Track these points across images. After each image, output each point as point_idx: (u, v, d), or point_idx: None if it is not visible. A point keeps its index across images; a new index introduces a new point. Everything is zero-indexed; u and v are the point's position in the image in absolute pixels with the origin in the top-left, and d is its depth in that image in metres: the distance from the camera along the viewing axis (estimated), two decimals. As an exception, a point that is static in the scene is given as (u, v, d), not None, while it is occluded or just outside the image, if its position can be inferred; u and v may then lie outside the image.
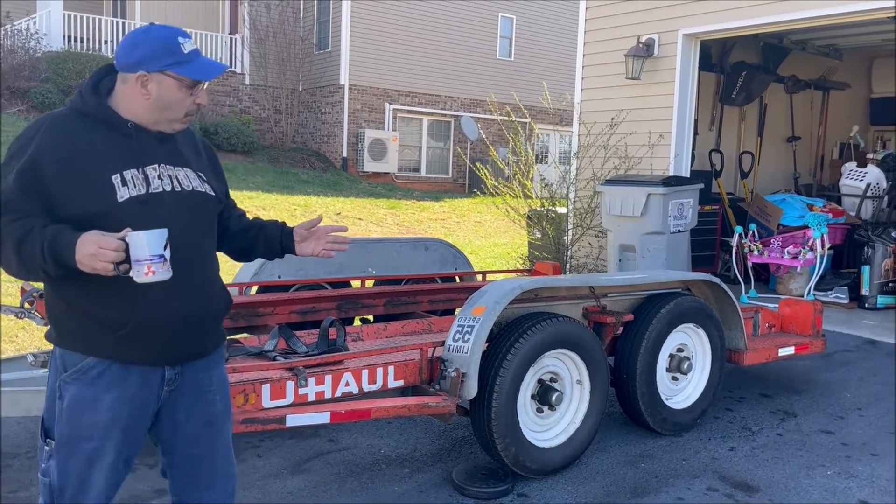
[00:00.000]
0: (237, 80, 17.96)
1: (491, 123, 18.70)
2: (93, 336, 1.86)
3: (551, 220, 8.41)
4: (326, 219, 12.04)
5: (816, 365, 5.40)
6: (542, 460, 3.34)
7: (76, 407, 1.87)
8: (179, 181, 1.95)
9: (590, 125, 8.43)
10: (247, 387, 2.79)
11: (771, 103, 10.48)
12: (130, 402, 1.90)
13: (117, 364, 1.87)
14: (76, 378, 1.87)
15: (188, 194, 1.96)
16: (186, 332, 1.95)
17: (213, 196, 2.04)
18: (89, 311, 1.86)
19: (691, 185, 6.90)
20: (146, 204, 1.86)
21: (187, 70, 1.89)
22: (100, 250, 1.70)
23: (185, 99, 1.92)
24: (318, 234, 2.25)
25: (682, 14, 7.83)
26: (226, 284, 2.14)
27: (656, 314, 3.81)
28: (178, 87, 1.90)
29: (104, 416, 1.87)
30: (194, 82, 1.91)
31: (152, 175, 1.90)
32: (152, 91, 1.88)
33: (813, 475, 3.54)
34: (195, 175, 2.01)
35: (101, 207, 1.81)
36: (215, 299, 2.03)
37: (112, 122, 1.89)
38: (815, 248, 7.36)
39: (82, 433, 1.87)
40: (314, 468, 3.45)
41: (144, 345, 1.87)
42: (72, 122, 1.88)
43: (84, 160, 1.83)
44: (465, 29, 18.74)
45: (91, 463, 1.88)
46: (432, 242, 5.41)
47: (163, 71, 1.88)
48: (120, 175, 1.85)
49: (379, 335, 4.07)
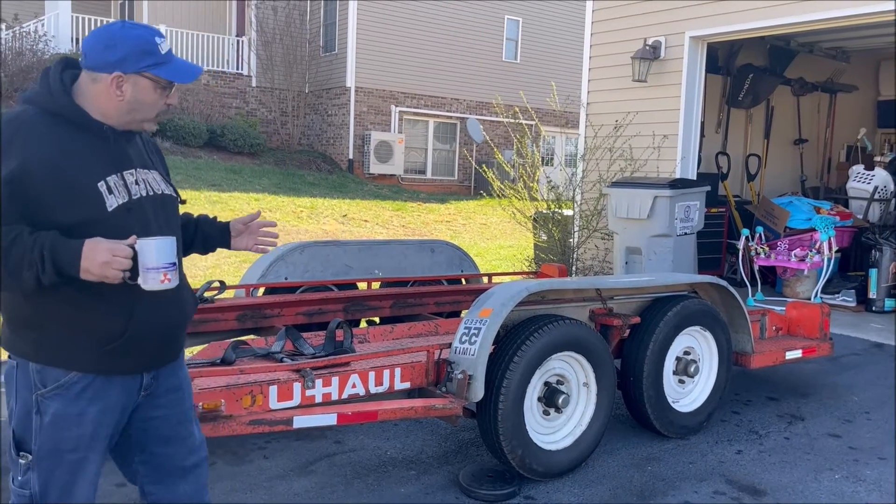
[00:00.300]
0: (244, 83, 18.01)
1: (497, 125, 18.71)
2: (79, 350, 1.82)
3: (557, 222, 8.41)
4: (333, 220, 12.08)
5: (824, 368, 5.38)
6: (548, 463, 3.33)
7: (60, 423, 1.83)
8: (151, 185, 1.95)
9: (597, 127, 8.43)
10: (254, 388, 2.80)
11: (778, 106, 10.46)
12: (113, 411, 1.90)
13: (100, 378, 1.85)
14: (58, 394, 1.83)
15: (160, 198, 1.97)
16: (169, 339, 1.98)
17: (175, 197, 2.05)
18: (79, 324, 1.81)
19: (698, 187, 6.89)
20: (132, 211, 1.85)
21: (165, 72, 1.87)
22: (114, 258, 1.70)
23: (158, 100, 1.90)
24: (252, 230, 2.26)
25: (688, 16, 7.82)
26: (234, 286, 2.15)
27: (663, 317, 3.80)
28: (154, 88, 1.88)
29: (89, 428, 1.86)
30: (169, 84, 1.89)
31: (130, 181, 1.89)
32: (126, 92, 1.85)
33: (820, 479, 3.52)
34: (161, 178, 2.02)
35: (92, 216, 1.79)
36: (190, 303, 2.05)
37: (86, 125, 1.85)
38: (823, 251, 7.33)
39: (67, 446, 1.85)
40: (321, 469, 3.45)
41: (132, 355, 1.87)
42: (48, 126, 1.81)
43: (70, 168, 1.79)
44: (471, 31, 18.76)
45: (75, 472, 1.87)
46: (438, 244, 5.42)
47: (140, 73, 1.85)
48: (105, 182, 1.83)
49: (385, 337, 4.07)
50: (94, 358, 1.83)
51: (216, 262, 8.44)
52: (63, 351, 1.82)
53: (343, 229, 11.76)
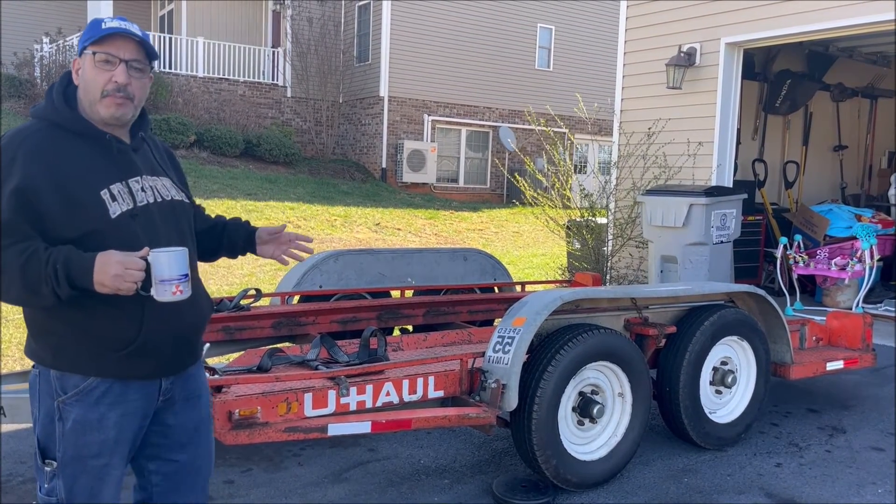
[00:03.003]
0: (279, 93, 18.25)
1: (529, 134, 18.68)
2: (96, 357, 1.84)
3: (591, 230, 8.36)
4: (366, 229, 12.15)
5: (866, 380, 5.25)
6: (583, 473, 3.31)
7: (81, 428, 1.85)
8: (159, 192, 1.95)
9: (629, 135, 8.37)
10: (289, 395, 2.82)
11: (816, 112, 10.28)
12: (133, 416, 1.91)
13: (119, 382, 1.86)
14: (78, 400, 1.84)
15: (169, 204, 1.97)
16: (185, 344, 1.97)
17: (188, 203, 2.06)
18: (94, 331, 1.83)
19: (735, 195, 6.80)
20: (137, 217, 1.86)
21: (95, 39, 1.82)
22: (126, 271, 1.70)
23: (98, 77, 1.83)
24: (281, 240, 2.26)
25: (724, 22, 7.74)
26: (269, 294, 2.17)
27: (699, 326, 3.75)
28: (93, 63, 1.83)
29: (111, 433, 1.87)
30: (107, 56, 1.83)
31: (136, 188, 1.89)
32: (80, 75, 1.86)
33: (863, 493, 3.44)
34: (171, 184, 2.02)
35: (95, 225, 1.80)
36: (206, 307, 2.05)
37: (88, 134, 1.86)
38: (864, 260, 7.17)
39: (90, 452, 1.86)
40: (354, 477, 3.47)
41: (147, 360, 1.88)
42: (52, 138, 1.83)
43: (73, 179, 1.80)
44: (503, 40, 18.78)
45: (101, 478, 1.89)
46: (471, 253, 5.42)
47: (83, 52, 1.85)
48: (108, 190, 1.83)
49: (419, 345, 4.08)
50: (110, 363, 1.84)
51: (252, 271, 8.55)
52: (80, 357, 1.84)
53: (376, 237, 11.83)
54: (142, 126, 1.99)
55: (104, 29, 1.83)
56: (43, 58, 15.28)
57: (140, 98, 1.91)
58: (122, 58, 1.84)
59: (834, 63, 9.70)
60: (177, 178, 2.09)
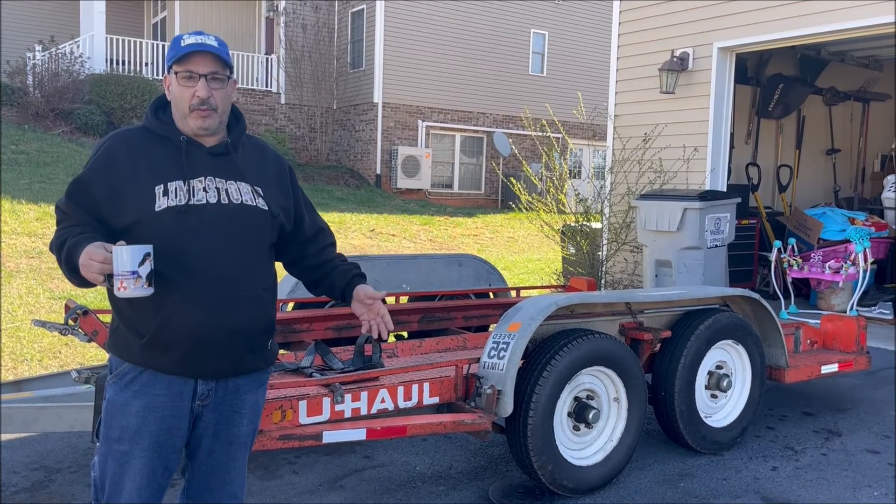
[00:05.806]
0: (273, 100, 18.25)
1: (524, 139, 18.71)
2: (128, 343, 1.95)
3: (586, 235, 8.37)
4: (360, 235, 12.14)
5: (861, 383, 5.26)
6: (579, 479, 3.30)
7: (110, 409, 1.97)
8: (228, 194, 1.97)
9: (625, 139, 8.39)
10: (284, 403, 2.81)
11: (809, 115, 10.32)
12: (158, 411, 1.93)
13: (147, 371, 1.93)
14: (115, 381, 1.97)
15: (235, 207, 1.96)
16: (211, 346, 1.93)
17: (265, 211, 2.02)
18: (127, 319, 1.95)
19: (728, 199, 6.82)
20: (183, 214, 1.89)
21: (177, 58, 1.94)
22: (89, 262, 1.78)
23: (184, 92, 1.95)
24: (373, 309, 2.25)
25: (716, 27, 7.77)
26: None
27: (694, 331, 3.76)
28: (178, 80, 1.96)
29: (133, 421, 1.93)
30: (188, 73, 1.94)
31: (198, 187, 1.93)
32: (171, 93, 1.99)
33: (859, 496, 3.44)
34: (249, 189, 2.01)
35: (139, 216, 1.89)
36: (249, 317, 1.98)
37: (168, 137, 1.98)
38: (858, 263, 7.19)
39: (113, 434, 1.95)
40: (350, 485, 3.45)
41: (165, 354, 1.92)
42: (135, 139, 1.99)
43: (131, 173, 1.92)
44: (497, 45, 18.82)
45: (122, 465, 1.94)
46: (466, 258, 5.42)
47: (169, 70, 1.97)
48: (163, 185, 1.91)
49: (414, 352, 4.07)
50: (135, 351, 1.93)
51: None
52: (121, 342, 1.98)
53: (371, 244, 11.82)
54: (235, 131, 2.08)
55: (183, 47, 1.95)
56: (35, 66, 15.23)
57: (223, 107, 2.00)
58: (201, 73, 1.95)
59: (826, 67, 9.74)
60: (276, 187, 2.08)
